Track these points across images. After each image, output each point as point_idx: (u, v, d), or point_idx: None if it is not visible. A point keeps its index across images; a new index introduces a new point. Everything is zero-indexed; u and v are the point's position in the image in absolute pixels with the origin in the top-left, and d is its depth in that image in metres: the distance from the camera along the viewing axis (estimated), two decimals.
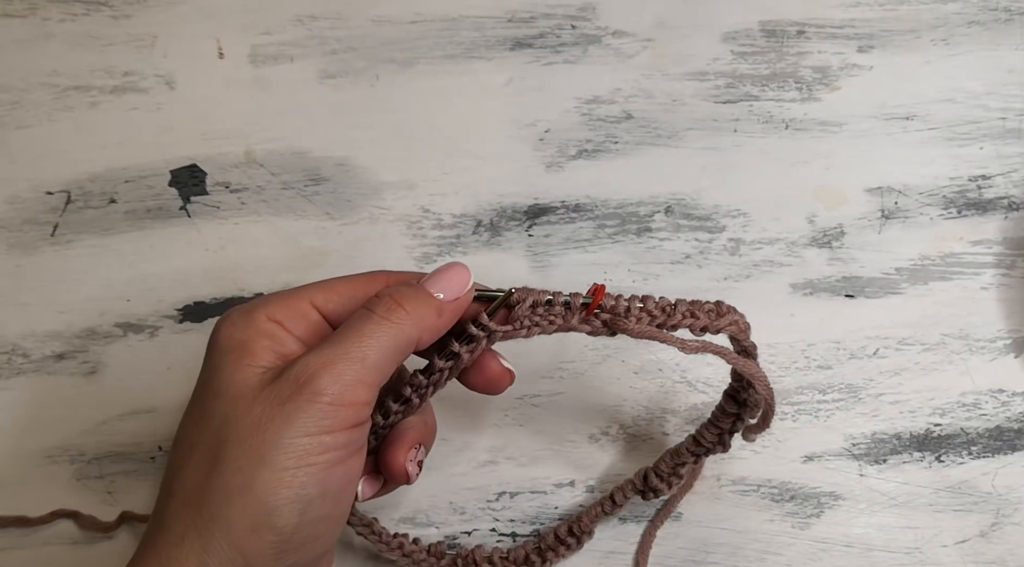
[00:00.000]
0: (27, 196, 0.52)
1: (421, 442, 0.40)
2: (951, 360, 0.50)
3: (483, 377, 0.40)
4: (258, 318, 0.35)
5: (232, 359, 0.34)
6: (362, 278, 0.38)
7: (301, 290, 0.37)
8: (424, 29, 0.55)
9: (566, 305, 0.38)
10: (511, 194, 0.53)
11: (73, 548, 0.47)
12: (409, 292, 0.36)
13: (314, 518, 0.33)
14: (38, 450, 0.48)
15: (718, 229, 0.52)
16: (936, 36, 0.55)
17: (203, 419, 0.34)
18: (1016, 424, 0.50)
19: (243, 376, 0.34)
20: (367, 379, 0.34)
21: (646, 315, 0.38)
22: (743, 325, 0.39)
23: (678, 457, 0.45)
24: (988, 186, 0.53)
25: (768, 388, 0.42)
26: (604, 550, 0.48)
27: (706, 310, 0.38)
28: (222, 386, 0.34)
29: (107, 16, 0.55)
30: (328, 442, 0.33)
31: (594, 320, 0.38)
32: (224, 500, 0.32)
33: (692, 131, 0.54)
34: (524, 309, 0.37)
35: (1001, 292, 0.51)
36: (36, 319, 0.50)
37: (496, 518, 0.48)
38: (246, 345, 0.35)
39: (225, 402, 0.34)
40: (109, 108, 0.53)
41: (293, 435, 0.32)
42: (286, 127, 0.53)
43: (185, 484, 0.33)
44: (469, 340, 0.38)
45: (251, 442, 0.33)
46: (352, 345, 0.34)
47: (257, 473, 0.32)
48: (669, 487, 0.46)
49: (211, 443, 0.33)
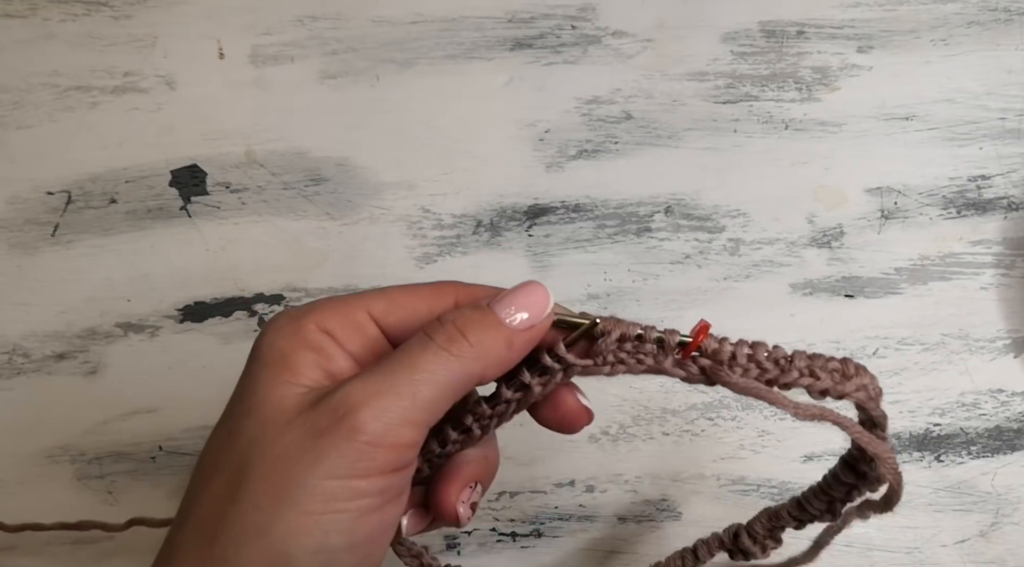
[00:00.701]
0: (28, 196, 0.52)
1: (478, 480, 0.35)
2: (951, 360, 0.50)
3: (557, 413, 0.34)
4: (307, 327, 0.31)
5: (271, 373, 0.30)
6: (429, 289, 0.33)
7: (359, 297, 0.32)
8: (424, 29, 0.55)
9: (659, 343, 0.32)
10: (511, 194, 0.53)
11: (75, 548, 0.47)
12: (475, 318, 0.31)
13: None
14: (39, 450, 0.48)
15: (718, 229, 0.52)
16: (936, 36, 0.55)
17: (230, 439, 0.30)
18: (1015, 424, 0.50)
19: (280, 394, 0.30)
20: (415, 419, 0.29)
21: (755, 366, 0.32)
22: (873, 391, 0.33)
23: (777, 520, 0.39)
24: (988, 186, 0.53)
25: (896, 471, 0.36)
26: (605, 550, 0.48)
27: (830, 369, 0.32)
28: (255, 404, 0.30)
29: (108, 16, 0.55)
30: (361, 488, 0.29)
31: (691, 365, 0.32)
32: (238, 540, 0.28)
33: (692, 131, 0.54)
34: (610, 343, 0.32)
35: (1000, 292, 0.52)
36: (37, 319, 0.50)
37: (496, 518, 0.48)
38: (288, 358, 0.30)
39: (255, 423, 0.30)
40: (109, 108, 0.53)
41: (321, 476, 0.28)
42: (286, 127, 0.53)
43: (201, 512, 0.30)
44: (543, 371, 0.33)
45: (276, 476, 0.28)
46: (403, 377, 0.29)
47: (278, 513, 0.28)
48: (763, 551, 0.40)
49: (234, 469, 0.29)
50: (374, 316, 0.32)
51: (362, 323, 0.32)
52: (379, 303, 0.32)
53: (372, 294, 0.33)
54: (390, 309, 0.32)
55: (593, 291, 0.51)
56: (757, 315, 0.51)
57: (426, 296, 0.33)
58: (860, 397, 0.33)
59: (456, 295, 0.33)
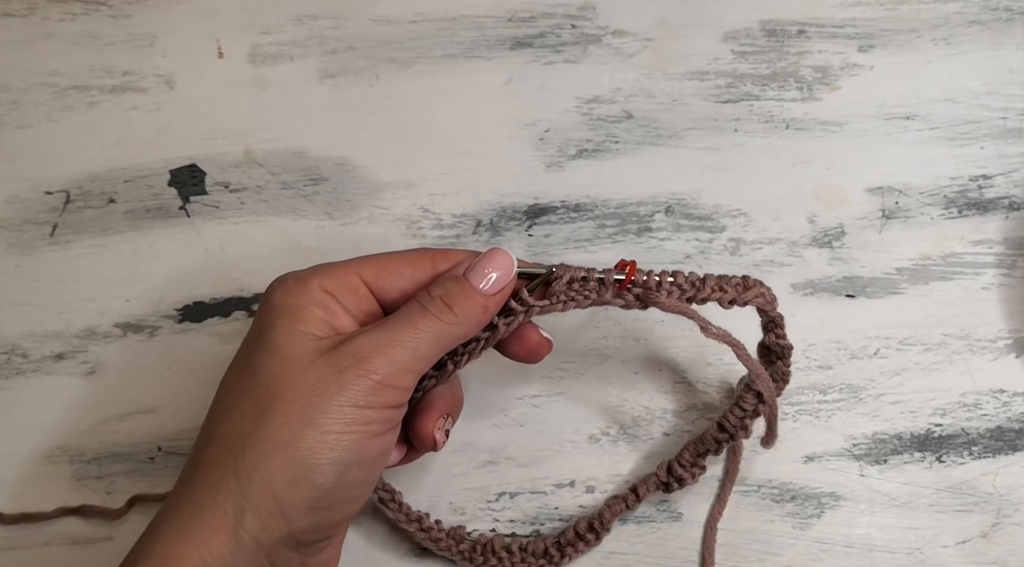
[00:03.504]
0: (26, 196, 0.52)
1: (449, 412, 0.42)
2: (952, 360, 0.50)
3: (523, 347, 0.42)
4: (312, 287, 0.37)
5: (287, 322, 0.36)
6: (409, 256, 0.40)
7: (352, 263, 0.39)
8: (424, 28, 0.55)
9: (600, 281, 0.40)
10: (511, 194, 0.53)
11: (75, 548, 0.47)
12: (458, 293, 0.38)
13: (350, 482, 0.36)
14: (38, 450, 0.48)
15: (718, 229, 0.52)
16: (937, 36, 0.55)
17: (253, 372, 0.36)
18: (1017, 424, 0.49)
19: (297, 340, 0.36)
20: (415, 367, 0.37)
21: (676, 289, 0.40)
22: (770, 296, 0.41)
23: (701, 445, 0.46)
24: (989, 186, 0.53)
25: (771, 390, 0.43)
26: (605, 550, 0.48)
27: (733, 284, 0.40)
28: (276, 345, 0.36)
29: (106, 16, 0.55)
30: (371, 415, 0.35)
31: (627, 294, 0.40)
32: (268, 452, 0.34)
33: (692, 131, 0.54)
34: (561, 285, 0.39)
35: (1002, 292, 0.51)
36: (35, 319, 0.50)
37: (496, 518, 0.48)
38: (299, 311, 0.37)
39: (278, 361, 0.36)
40: (108, 108, 0.53)
41: (343, 403, 0.35)
42: (286, 127, 0.53)
43: (229, 431, 0.35)
44: (508, 313, 0.39)
45: (302, 403, 0.35)
46: (407, 335, 0.36)
47: (304, 432, 0.34)
48: (693, 477, 0.46)
49: (260, 396, 0.35)
50: (365, 279, 0.39)
51: (356, 286, 0.38)
52: (369, 268, 0.39)
53: (362, 260, 0.39)
54: (378, 274, 0.39)
55: None
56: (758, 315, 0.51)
57: (408, 262, 0.39)
58: (759, 302, 0.41)
59: (433, 259, 0.39)
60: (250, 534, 0.34)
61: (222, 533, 0.34)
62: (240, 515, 0.34)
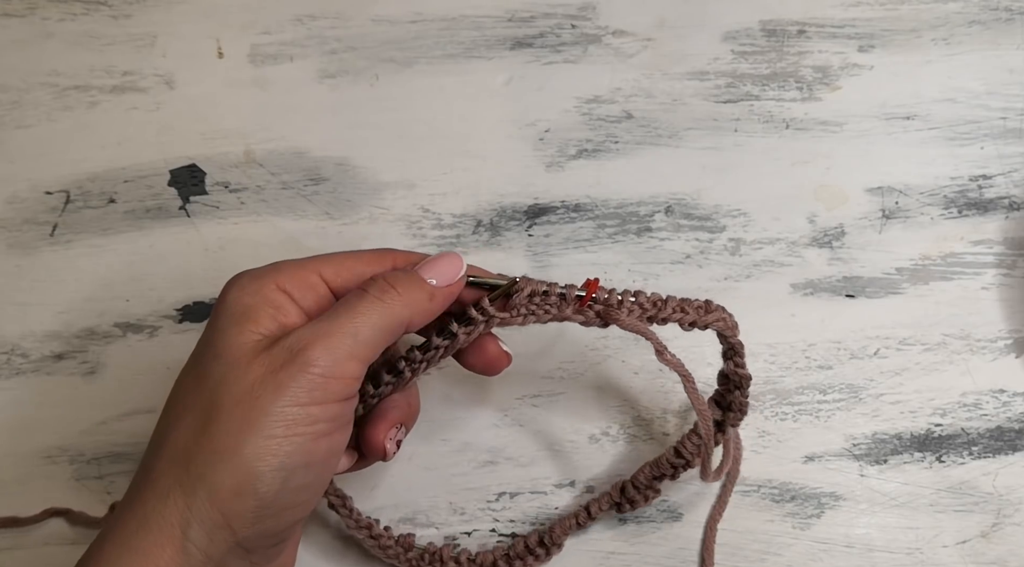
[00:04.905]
0: (26, 196, 0.52)
1: (403, 422, 0.41)
2: (952, 360, 0.50)
3: (481, 358, 0.41)
4: (267, 286, 0.36)
5: (236, 324, 0.35)
6: (370, 255, 0.39)
7: (311, 261, 0.38)
8: (424, 28, 0.55)
9: (562, 296, 0.39)
10: (511, 194, 0.53)
11: (72, 548, 0.47)
12: (403, 276, 0.37)
13: (296, 486, 0.34)
14: (37, 450, 0.48)
15: (718, 229, 0.52)
16: (937, 36, 0.55)
17: (199, 379, 0.35)
18: (1017, 424, 0.49)
19: (242, 341, 0.35)
20: (358, 354, 0.35)
21: (637, 308, 0.40)
22: (731, 323, 0.41)
23: (657, 468, 0.45)
24: (989, 186, 0.53)
25: (708, 428, 0.43)
26: (605, 550, 0.48)
27: (695, 306, 0.40)
28: (221, 349, 0.35)
29: (106, 16, 0.55)
30: (316, 414, 0.34)
31: (588, 311, 0.39)
32: (212, 461, 0.33)
33: (692, 131, 0.54)
34: (522, 298, 0.39)
35: (1002, 292, 0.51)
36: (35, 319, 0.50)
37: (496, 518, 0.48)
38: (251, 311, 0.36)
39: (222, 365, 0.35)
40: (108, 108, 0.53)
41: (284, 404, 0.33)
42: (286, 127, 0.53)
43: (176, 442, 0.34)
44: (468, 322, 0.39)
45: (243, 408, 0.33)
46: (346, 321, 0.35)
47: (246, 438, 0.33)
48: (646, 500, 0.46)
49: (204, 404, 0.34)
50: (325, 278, 0.37)
51: (315, 284, 0.37)
52: (329, 267, 0.38)
53: (323, 258, 0.38)
54: (338, 271, 0.38)
55: None
56: (758, 315, 0.51)
57: (368, 261, 0.38)
58: (719, 326, 0.40)
59: (394, 260, 0.39)
60: (198, 547, 0.33)
61: (169, 548, 0.33)
62: (186, 528, 0.33)
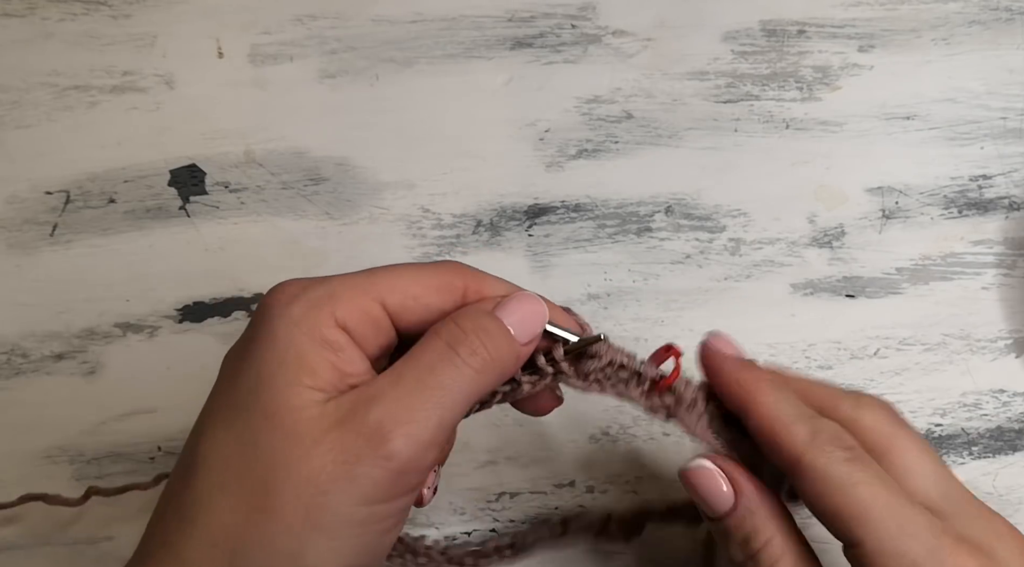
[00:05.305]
0: (26, 196, 0.52)
1: (439, 463, 0.37)
2: (952, 360, 0.50)
3: (533, 404, 0.37)
4: (325, 322, 0.30)
5: (289, 374, 0.29)
6: (434, 279, 0.33)
7: (370, 283, 0.31)
8: (424, 29, 0.55)
9: (637, 375, 0.35)
10: (511, 194, 0.53)
11: (72, 548, 0.47)
12: (492, 330, 0.31)
13: None
14: (37, 450, 0.48)
15: (718, 229, 0.52)
16: (937, 35, 0.55)
17: (247, 446, 0.29)
18: (1017, 424, 0.49)
19: (301, 402, 0.29)
20: (439, 440, 0.30)
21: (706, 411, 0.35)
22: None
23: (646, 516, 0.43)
24: (989, 186, 0.53)
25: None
26: (605, 550, 0.48)
27: None
28: (275, 410, 0.29)
29: (106, 16, 0.55)
30: (389, 510, 0.30)
31: (656, 400, 0.35)
32: (266, 561, 0.28)
33: (692, 131, 0.54)
34: (601, 364, 0.34)
35: (1002, 292, 0.51)
36: (35, 319, 0.50)
37: (496, 518, 0.48)
38: (306, 358, 0.29)
39: (278, 435, 0.29)
40: (108, 108, 0.53)
41: (355, 503, 0.28)
42: (286, 127, 0.53)
43: (216, 520, 0.28)
44: (535, 372, 0.34)
45: (306, 502, 0.28)
46: (432, 398, 0.29)
47: (311, 540, 0.28)
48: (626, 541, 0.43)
49: (255, 480, 0.28)
50: (387, 308, 0.31)
51: (377, 317, 0.31)
52: (392, 294, 0.31)
53: (381, 278, 0.32)
54: (405, 304, 0.32)
55: (593, 291, 0.51)
56: (758, 315, 0.51)
57: (436, 288, 0.32)
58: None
59: (465, 288, 0.33)
60: None
61: None
62: None
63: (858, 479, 0.31)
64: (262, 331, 0.30)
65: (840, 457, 0.32)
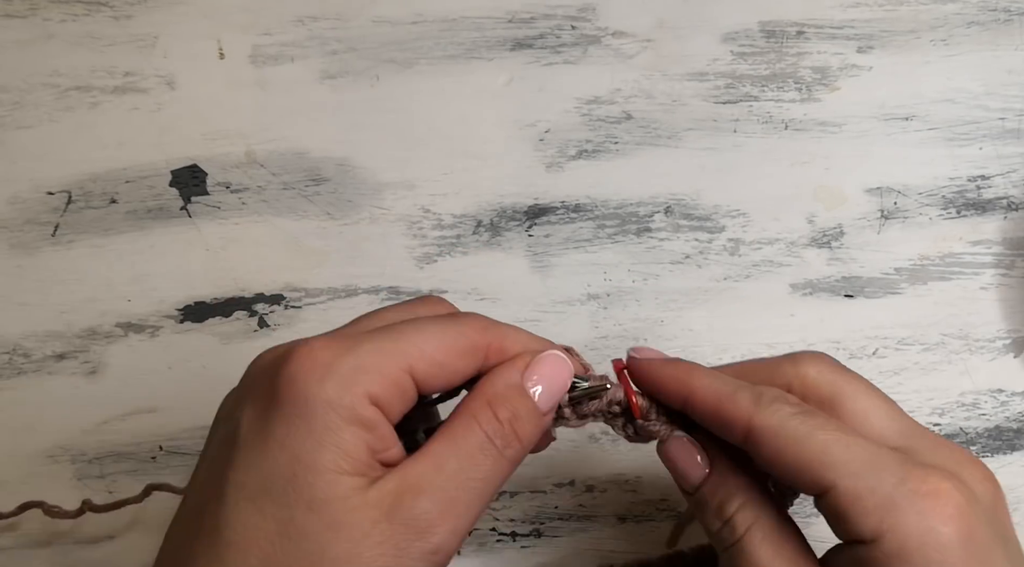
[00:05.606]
0: (28, 196, 0.52)
1: None
2: (950, 360, 0.50)
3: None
4: (359, 401, 0.29)
5: (327, 459, 0.28)
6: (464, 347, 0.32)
7: (401, 353, 0.31)
8: (424, 29, 0.55)
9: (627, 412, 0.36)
10: (511, 194, 0.53)
11: (73, 548, 0.47)
12: (525, 418, 0.32)
13: None
14: (39, 450, 0.48)
15: (718, 229, 0.52)
16: (936, 36, 0.55)
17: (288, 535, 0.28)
18: (1015, 424, 0.50)
19: (343, 492, 0.28)
20: (472, 527, 0.30)
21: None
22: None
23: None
24: (987, 186, 0.53)
25: None
26: (604, 550, 0.48)
27: None
28: (318, 499, 0.28)
29: (108, 16, 0.55)
30: None
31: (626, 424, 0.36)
32: None
33: (692, 131, 0.54)
34: (601, 405, 0.35)
35: (1000, 292, 0.52)
36: (37, 319, 0.50)
37: (496, 518, 0.48)
38: (344, 443, 0.29)
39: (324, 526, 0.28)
40: (110, 108, 0.53)
41: None
42: (286, 127, 0.53)
43: None
44: None
45: None
46: (477, 491, 0.30)
47: None
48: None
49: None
50: (416, 377, 0.31)
51: (405, 387, 0.31)
52: (421, 362, 0.31)
53: (413, 350, 0.31)
54: (432, 371, 0.31)
55: (593, 291, 0.51)
56: (757, 315, 0.51)
57: (462, 354, 0.32)
58: None
59: (488, 350, 0.32)
60: None
61: None
62: None
63: (813, 425, 0.31)
64: (294, 410, 0.29)
65: (789, 412, 0.32)
